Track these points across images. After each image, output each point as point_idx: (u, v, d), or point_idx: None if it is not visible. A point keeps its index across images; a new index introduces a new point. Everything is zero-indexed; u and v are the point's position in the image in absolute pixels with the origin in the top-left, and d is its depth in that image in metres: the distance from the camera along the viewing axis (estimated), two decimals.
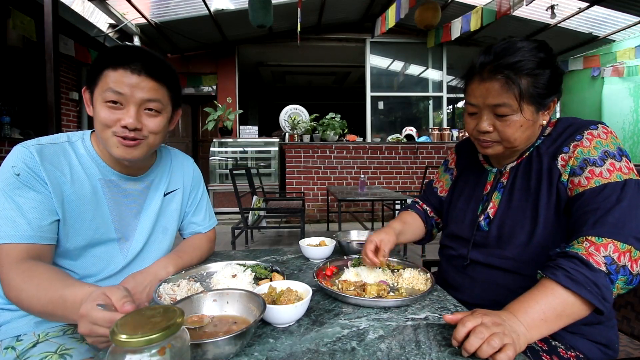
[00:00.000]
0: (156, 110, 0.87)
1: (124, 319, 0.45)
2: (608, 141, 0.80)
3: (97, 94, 0.83)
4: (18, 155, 0.80)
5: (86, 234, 0.87)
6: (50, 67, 2.96)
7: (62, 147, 0.87)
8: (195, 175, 1.14)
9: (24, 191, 0.78)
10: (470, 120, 0.90)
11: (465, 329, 0.58)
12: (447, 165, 1.16)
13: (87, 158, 0.89)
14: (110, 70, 0.81)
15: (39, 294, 0.71)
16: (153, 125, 0.87)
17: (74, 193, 0.85)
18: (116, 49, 0.84)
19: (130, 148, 0.85)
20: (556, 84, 0.82)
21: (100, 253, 0.91)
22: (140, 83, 0.82)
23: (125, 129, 0.82)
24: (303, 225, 3.17)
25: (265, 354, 0.59)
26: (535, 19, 5.61)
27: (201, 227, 1.14)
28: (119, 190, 0.93)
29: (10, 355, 0.80)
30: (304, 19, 4.52)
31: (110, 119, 0.82)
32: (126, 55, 0.82)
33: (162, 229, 1.03)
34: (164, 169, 1.05)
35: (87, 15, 4.71)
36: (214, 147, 5.89)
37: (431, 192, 1.17)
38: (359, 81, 9.36)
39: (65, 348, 0.80)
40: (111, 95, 0.81)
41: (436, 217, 1.16)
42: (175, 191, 1.06)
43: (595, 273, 0.66)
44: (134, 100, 0.83)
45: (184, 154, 1.16)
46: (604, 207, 0.72)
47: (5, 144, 3.48)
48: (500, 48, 0.81)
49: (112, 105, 0.82)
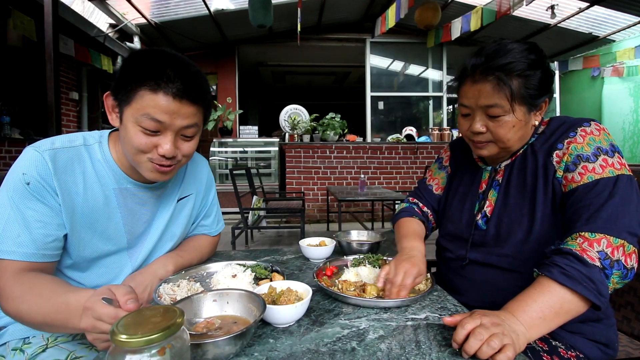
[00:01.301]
0: (192, 135, 0.82)
1: (124, 319, 0.45)
2: (601, 137, 0.81)
3: (129, 113, 0.75)
4: (30, 161, 0.74)
5: (96, 246, 0.84)
6: (50, 67, 2.96)
7: (78, 152, 0.81)
8: (209, 179, 1.11)
9: (33, 202, 0.73)
10: (463, 121, 0.90)
11: (464, 332, 0.58)
12: (442, 163, 1.14)
13: (102, 165, 0.84)
14: (147, 91, 0.73)
15: (40, 303, 0.68)
16: (187, 149, 0.82)
17: (85, 204, 0.80)
18: (154, 61, 0.75)
19: (164, 174, 0.82)
20: (547, 84, 0.83)
21: (110, 263, 0.88)
22: (181, 110, 0.76)
23: (162, 157, 0.78)
24: (303, 225, 3.17)
25: (265, 354, 0.59)
26: (535, 19, 5.61)
27: (208, 230, 1.12)
28: (134, 198, 0.89)
29: (19, 357, 0.79)
30: (304, 19, 4.52)
31: (147, 146, 0.77)
32: (166, 72, 0.73)
33: (171, 235, 0.99)
34: (179, 175, 1.01)
35: (87, 15, 4.71)
36: (214, 147, 5.89)
37: (427, 191, 1.14)
38: (359, 81, 9.36)
39: (75, 356, 0.79)
40: (150, 123, 0.74)
41: (433, 220, 1.13)
42: (188, 196, 1.03)
43: (590, 268, 0.66)
44: (173, 128, 0.77)
45: (198, 155, 1.10)
46: (597, 203, 0.73)
47: (5, 144, 3.48)
48: (491, 50, 0.82)
49: (149, 133, 0.76)
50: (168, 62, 0.75)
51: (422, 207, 1.13)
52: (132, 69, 0.75)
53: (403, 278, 0.79)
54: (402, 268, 0.81)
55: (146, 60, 0.75)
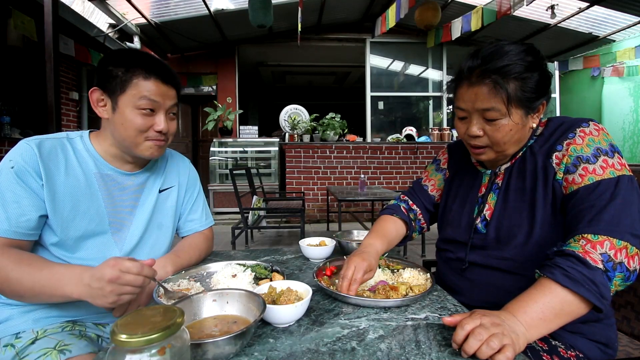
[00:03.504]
0: (174, 114, 0.98)
1: (124, 319, 0.45)
2: (600, 138, 0.80)
3: (126, 100, 0.89)
4: (18, 149, 0.85)
5: (80, 225, 0.89)
6: (50, 67, 2.96)
7: (61, 142, 0.92)
8: (191, 175, 1.17)
9: (13, 185, 0.82)
10: (460, 124, 0.90)
11: (464, 332, 0.58)
12: (439, 165, 1.13)
13: (84, 153, 0.94)
14: (141, 80, 0.88)
15: (31, 271, 0.76)
16: (173, 128, 0.98)
17: (67, 185, 0.88)
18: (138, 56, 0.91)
19: (160, 148, 0.96)
20: (545, 86, 0.82)
21: (96, 244, 0.92)
22: (168, 92, 0.93)
23: (159, 133, 0.93)
24: (303, 225, 3.17)
25: (265, 354, 0.59)
26: (536, 19, 5.61)
27: (199, 224, 1.15)
28: (114, 184, 0.97)
29: (10, 352, 0.80)
30: (304, 18, 4.52)
31: (145, 125, 0.91)
32: (151, 63, 0.90)
33: (158, 224, 1.04)
34: (160, 167, 1.08)
35: (87, 15, 4.71)
36: (214, 147, 5.89)
37: (421, 191, 1.13)
38: (359, 81, 9.37)
39: (64, 344, 0.81)
40: (147, 103, 0.89)
41: (423, 220, 1.11)
42: (170, 188, 1.09)
43: (593, 271, 0.66)
44: (164, 107, 0.93)
45: (180, 154, 1.20)
46: (599, 205, 0.72)
47: (5, 144, 3.48)
48: (487, 52, 0.81)
49: (147, 112, 0.90)
50: (148, 56, 0.92)
51: (411, 205, 1.12)
52: (120, 64, 0.88)
53: (353, 272, 0.81)
54: (353, 262, 0.83)
55: (131, 56, 0.90)
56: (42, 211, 0.84)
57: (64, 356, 0.78)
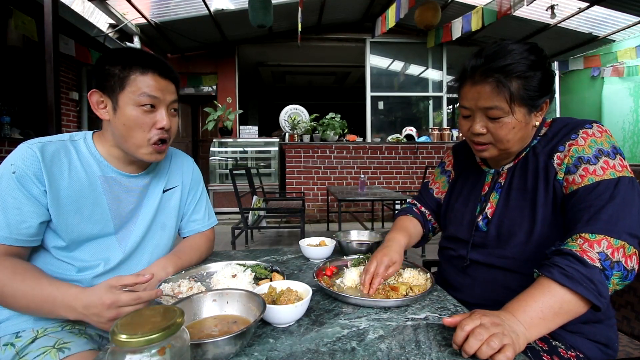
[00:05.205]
0: (175, 110, 0.95)
1: (124, 319, 0.45)
2: (602, 139, 0.81)
3: (125, 97, 0.86)
4: (19, 153, 0.83)
5: (84, 229, 0.89)
6: (50, 67, 2.95)
7: (64, 145, 0.90)
8: (195, 174, 1.16)
9: (14, 190, 0.80)
10: (464, 122, 0.91)
11: (464, 333, 0.58)
12: (444, 167, 1.16)
13: (87, 156, 0.92)
14: (139, 75, 0.86)
15: (25, 290, 0.75)
16: (175, 125, 0.96)
17: (71, 189, 0.87)
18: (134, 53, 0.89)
19: (160, 153, 0.94)
20: (548, 85, 0.83)
21: (98, 246, 0.92)
22: (168, 87, 0.91)
23: (161, 130, 0.90)
24: (303, 225, 3.17)
25: (265, 354, 0.59)
26: (536, 19, 5.61)
27: (201, 225, 1.14)
28: (119, 187, 0.95)
29: (10, 352, 0.81)
30: (304, 19, 4.52)
31: (147, 122, 0.88)
32: (147, 59, 0.88)
33: (161, 225, 1.04)
34: (164, 167, 1.07)
35: (87, 15, 4.71)
36: (214, 147, 5.89)
37: (427, 194, 1.16)
38: (359, 81, 9.36)
39: (63, 342, 0.81)
40: (147, 99, 0.87)
41: (433, 220, 1.15)
42: (174, 188, 1.08)
43: (590, 269, 0.66)
44: (165, 103, 0.90)
45: (184, 153, 1.18)
46: (598, 204, 0.73)
47: (5, 144, 3.48)
48: (491, 51, 0.82)
49: (147, 109, 0.88)
50: (143, 52, 0.91)
51: (420, 207, 1.16)
52: (117, 62, 0.87)
53: (376, 267, 0.84)
54: (375, 258, 0.87)
55: (127, 53, 0.88)
56: (43, 218, 0.83)
57: (63, 354, 0.78)
